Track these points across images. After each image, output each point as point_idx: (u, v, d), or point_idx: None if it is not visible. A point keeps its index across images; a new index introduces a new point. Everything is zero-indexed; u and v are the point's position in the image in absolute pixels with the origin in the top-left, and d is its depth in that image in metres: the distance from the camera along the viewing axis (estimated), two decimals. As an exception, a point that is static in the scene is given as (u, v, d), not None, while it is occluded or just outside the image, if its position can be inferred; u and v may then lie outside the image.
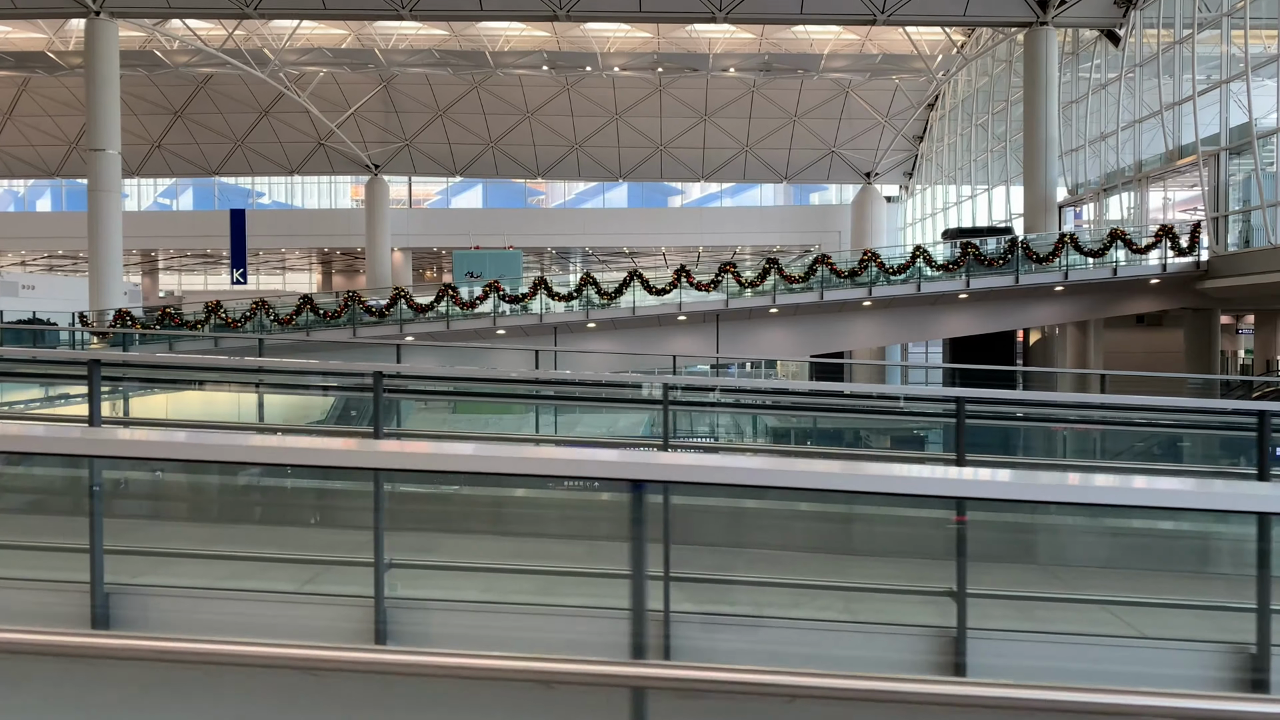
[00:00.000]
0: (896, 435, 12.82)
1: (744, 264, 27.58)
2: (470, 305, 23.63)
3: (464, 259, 42.19)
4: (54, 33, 37.13)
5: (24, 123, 44.46)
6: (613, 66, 38.13)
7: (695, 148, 46.22)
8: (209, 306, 23.96)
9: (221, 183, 50.31)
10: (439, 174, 48.49)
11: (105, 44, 27.13)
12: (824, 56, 37.18)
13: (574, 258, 60.39)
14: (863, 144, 45.48)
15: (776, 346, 24.02)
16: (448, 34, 38.71)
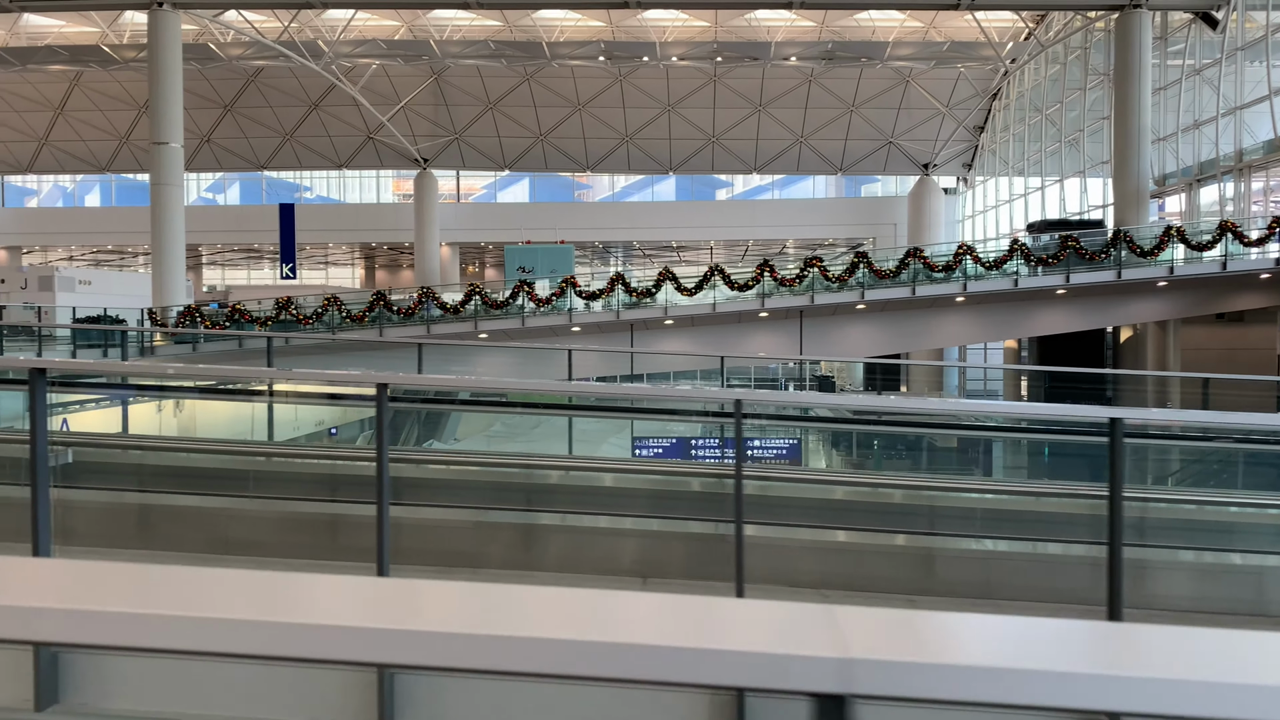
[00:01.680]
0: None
1: (825, 258, 26.70)
2: (546, 301, 22.91)
3: (515, 254, 41.58)
4: (108, 26, 36.81)
5: (75, 118, 44.27)
6: (671, 57, 37.29)
7: (748, 139, 45.29)
8: (279, 303, 23.41)
9: (268, 177, 49.96)
10: (488, 168, 47.89)
11: (167, 36, 26.65)
12: (889, 45, 36.13)
13: (616, 252, 59.71)
14: (921, 134, 44.37)
15: (862, 344, 23.14)
16: (502, 25, 38.06)
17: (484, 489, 5.46)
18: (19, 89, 42.46)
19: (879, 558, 4.65)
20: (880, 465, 17.49)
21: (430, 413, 15.08)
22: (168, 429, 12.94)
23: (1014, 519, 4.90)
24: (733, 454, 16.50)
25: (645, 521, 4.71)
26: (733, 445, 16.19)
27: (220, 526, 4.80)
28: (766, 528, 4.48)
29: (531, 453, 7.98)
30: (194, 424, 14.64)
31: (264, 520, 4.89)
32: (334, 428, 25.82)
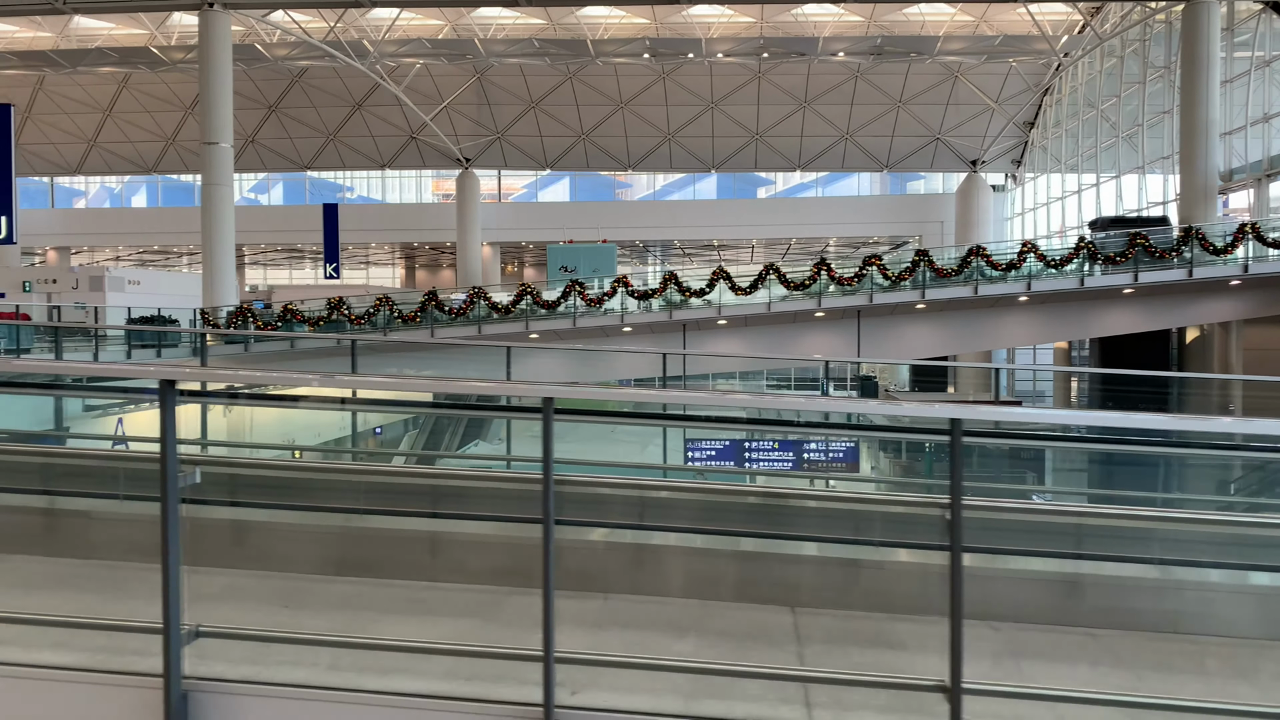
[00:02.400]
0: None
1: (861, 257, 26.12)
2: (598, 301, 22.62)
3: (558, 253, 41.44)
4: (156, 28, 37.08)
5: (123, 119, 44.71)
6: (716, 53, 36.85)
7: (792, 136, 44.77)
8: (331, 303, 23.32)
9: (310, 177, 50.19)
10: (529, 167, 47.76)
11: (217, 36, 26.69)
12: (940, 39, 35.44)
13: (655, 251, 59.41)
14: (969, 130, 43.60)
15: (920, 344, 22.61)
16: (545, 23, 37.87)
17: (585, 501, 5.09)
18: (69, 91, 42.96)
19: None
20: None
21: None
22: (219, 432, 12.74)
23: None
24: (791, 456, 16.23)
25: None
26: (790, 448, 15.84)
27: (332, 545, 4.52)
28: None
29: (586, 458, 7.55)
30: (247, 427, 14.48)
31: (373, 538, 4.60)
32: (379, 427, 25.76)
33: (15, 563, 4.54)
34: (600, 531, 4.64)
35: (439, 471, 5.27)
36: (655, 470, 8.37)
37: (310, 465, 5.83)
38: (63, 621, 3.43)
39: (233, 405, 5.72)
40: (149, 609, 3.96)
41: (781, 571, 4.26)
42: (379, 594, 4.17)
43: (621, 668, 3.22)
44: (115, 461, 5.18)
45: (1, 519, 4.86)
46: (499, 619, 3.97)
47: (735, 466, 21.06)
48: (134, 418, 14.61)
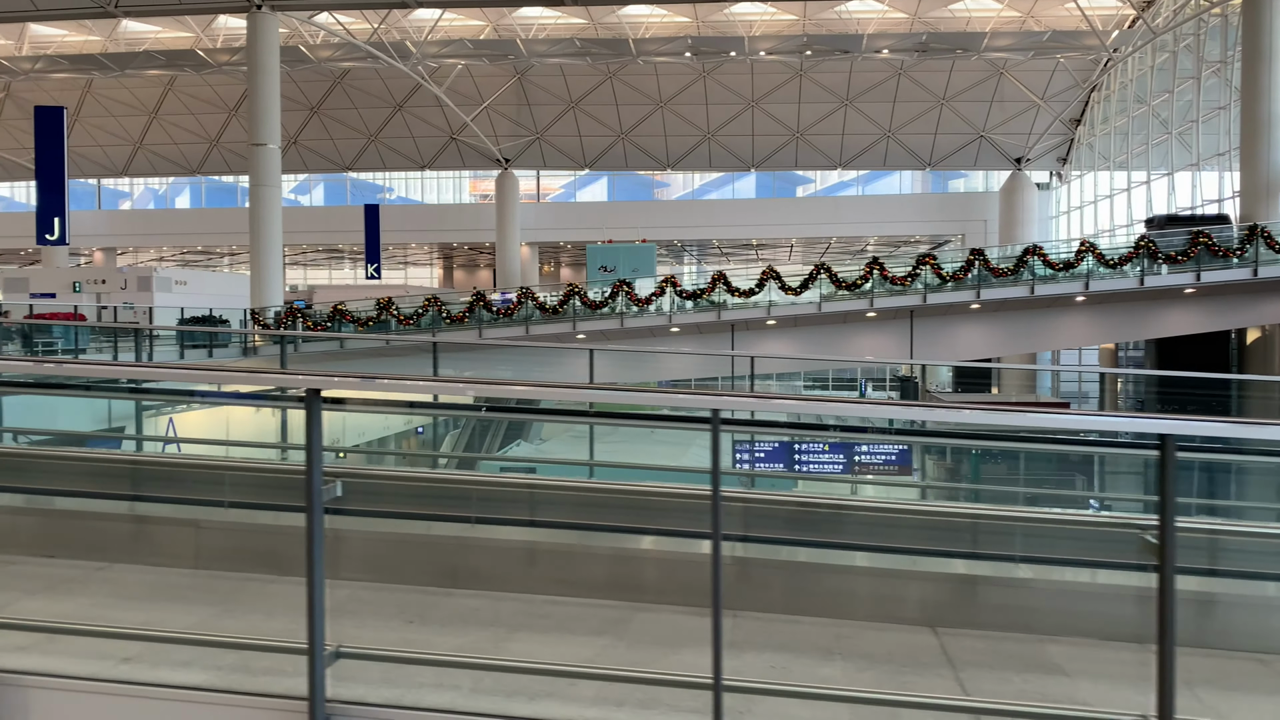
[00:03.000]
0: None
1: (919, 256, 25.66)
2: (645, 302, 22.46)
3: (597, 253, 41.39)
4: (202, 30, 37.44)
5: (168, 121, 45.23)
6: (759, 51, 36.57)
7: (833, 134, 44.35)
8: (380, 303, 23.36)
9: (351, 178, 50.49)
10: (568, 167, 47.73)
11: (266, 38, 26.87)
12: (987, 35, 34.91)
13: (691, 251, 59.18)
14: (1014, 128, 42.96)
15: (974, 345, 22.23)
16: (586, 23, 37.78)
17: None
18: (116, 94, 43.52)
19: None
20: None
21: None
22: (266, 435, 12.67)
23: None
24: (842, 458, 15.90)
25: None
26: (841, 450, 15.53)
27: (446, 555, 4.39)
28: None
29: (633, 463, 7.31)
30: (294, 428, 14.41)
31: (485, 548, 4.45)
32: (420, 427, 25.73)
33: (116, 572, 4.45)
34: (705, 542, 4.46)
35: (592, 486, 5.09)
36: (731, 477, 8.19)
37: (442, 476, 5.72)
38: (207, 640, 3.31)
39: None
40: (269, 624, 3.85)
41: (920, 589, 4.06)
42: (501, 608, 4.02)
43: (789, 696, 3.04)
44: (220, 468, 5.08)
45: (98, 525, 4.78)
46: (627, 636, 3.81)
47: (785, 469, 20.83)
48: (183, 418, 14.67)
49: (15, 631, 3.39)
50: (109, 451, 7.57)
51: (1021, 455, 14.63)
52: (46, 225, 27.69)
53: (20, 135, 45.43)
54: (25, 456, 5.90)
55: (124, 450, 8.34)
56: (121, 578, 4.28)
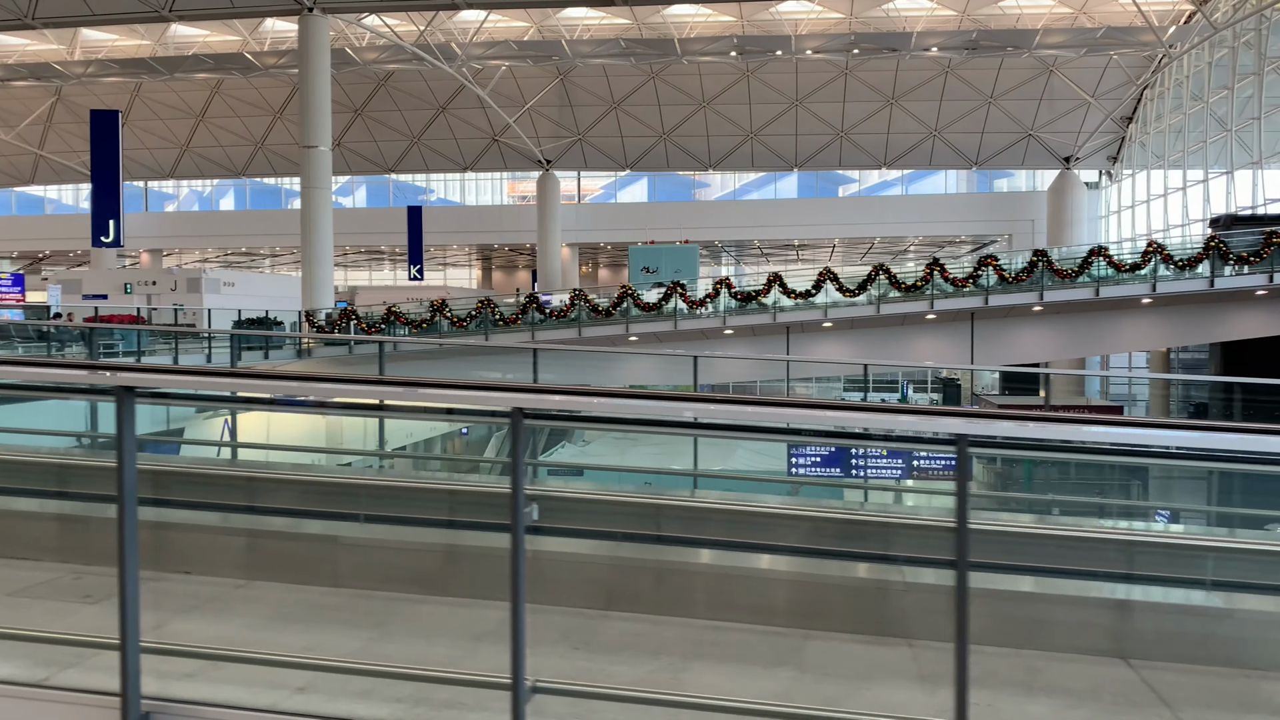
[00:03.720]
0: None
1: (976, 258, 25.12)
2: (700, 304, 22.24)
3: (639, 254, 41.25)
4: (249, 34, 37.72)
5: (214, 124, 45.67)
6: (805, 50, 36.20)
7: (878, 134, 43.88)
8: (434, 305, 23.34)
9: (393, 180, 50.73)
10: (609, 168, 47.62)
11: (317, 40, 26.96)
12: (1039, 32, 34.31)
13: (729, 251, 58.86)
14: (1063, 126, 42.26)
15: (1036, 348, 21.79)
16: (630, 23, 37.60)
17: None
18: (164, 98, 44.00)
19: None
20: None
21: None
22: (317, 438, 12.56)
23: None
24: (900, 463, 15.43)
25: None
26: (900, 456, 15.10)
27: (609, 575, 4.20)
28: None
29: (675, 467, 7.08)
30: (341, 433, 14.33)
31: (648, 570, 4.26)
32: (464, 428, 25.69)
33: (256, 590, 4.30)
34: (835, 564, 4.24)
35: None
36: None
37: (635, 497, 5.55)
38: (381, 671, 3.14)
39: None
40: (432, 650, 3.69)
41: (1109, 617, 3.81)
42: (665, 634, 3.83)
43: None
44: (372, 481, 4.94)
45: (230, 540, 4.65)
46: (810, 668, 3.60)
47: (841, 475, 20.50)
48: (241, 418, 14.62)
49: (173, 657, 3.24)
50: (241, 467, 7.47)
51: (1073, 464, 14.27)
52: (102, 227, 28.01)
53: (70, 139, 46.12)
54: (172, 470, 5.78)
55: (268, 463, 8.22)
56: (265, 596, 4.14)
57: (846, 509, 5.26)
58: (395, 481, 5.03)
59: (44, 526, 4.74)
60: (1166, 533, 5.19)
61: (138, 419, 2.96)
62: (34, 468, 5.23)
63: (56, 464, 5.32)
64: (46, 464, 5.30)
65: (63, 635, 3.33)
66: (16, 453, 5.76)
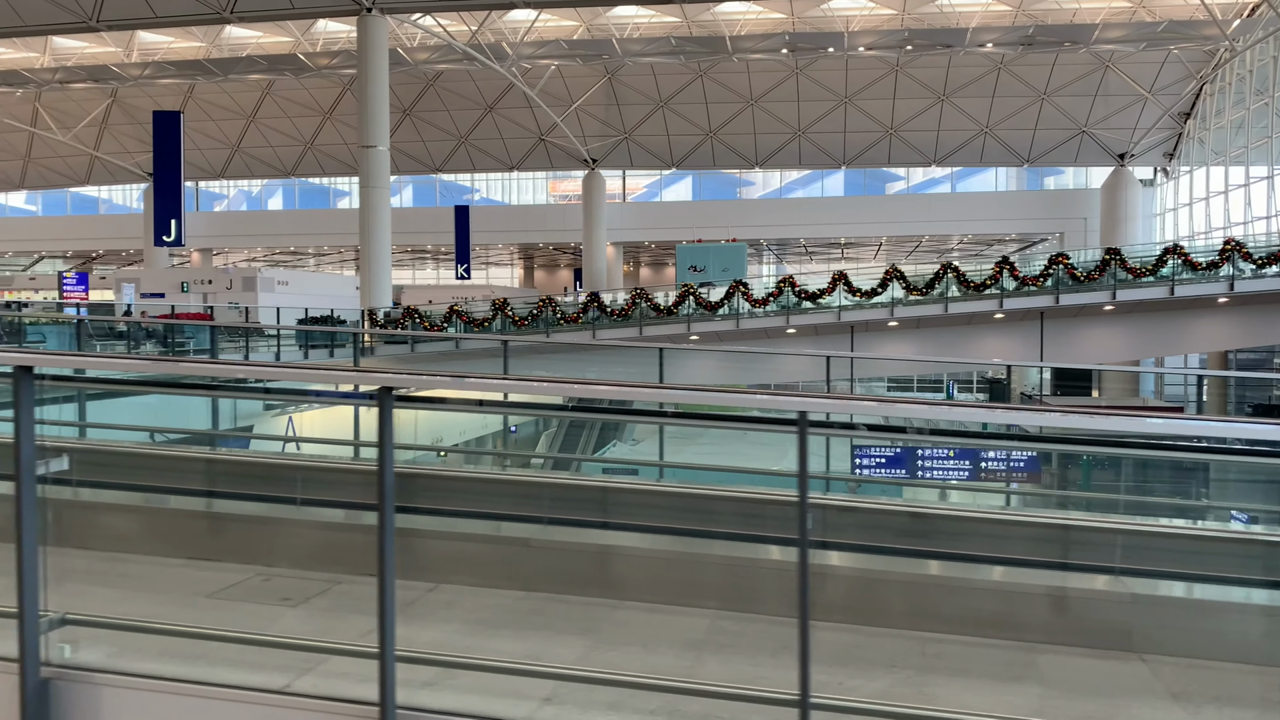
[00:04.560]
0: None
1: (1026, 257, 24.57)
2: (763, 302, 22.08)
3: (687, 253, 41.15)
4: (302, 35, 38.05)
5: (264, 124, 46.15)
6: (858, 47, 35.87)
7: (928, 131, 43.41)
8: (495, 305, 23.38)
9: (440, 180, 50.98)
10: (655, 166, 47.53)
11: (376, 41, 27.10)
12: (1097, 26, 33.73)
13: (771, 249, 58.56)
14: (1118, 123, 41.54)
15: (1107, 348, 21.40)
16: (680, 21, 37.47)
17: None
18: (217, 99, 44.53)
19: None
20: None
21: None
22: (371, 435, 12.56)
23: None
24: (969, 464, 15.09)
25: None
26: (967, 456, 14.75)
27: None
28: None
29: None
30: (414, 429, 14.35)
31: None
32: (514, 426, 25.69)
33: (445, 593, 4.24)
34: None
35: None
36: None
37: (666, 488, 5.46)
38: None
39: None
40: (651, 658, 3.61)
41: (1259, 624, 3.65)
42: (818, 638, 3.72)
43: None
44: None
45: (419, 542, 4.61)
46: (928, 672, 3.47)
47: (906, 476, 20.23)
48: (301, 418, 14.71)
49: (422, 665, 3.18)
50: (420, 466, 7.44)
51: (1126, 461, 13.97)
52: (163, 227, 28.36)
53: (124, 140, 46.84)
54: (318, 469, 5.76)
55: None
56: (459, 600, 4.09)
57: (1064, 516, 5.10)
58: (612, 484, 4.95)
59: (225, 527, 4.73)
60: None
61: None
62: (237, 468, 5.23)
63: (265, 464, 5.32)
64: (254, 464, 5.29)
65: (320, 643, 3.28)
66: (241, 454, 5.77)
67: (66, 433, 6.63)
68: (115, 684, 3.11)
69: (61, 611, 3.19)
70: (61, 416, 5.90)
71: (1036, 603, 3.87)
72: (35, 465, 3.15)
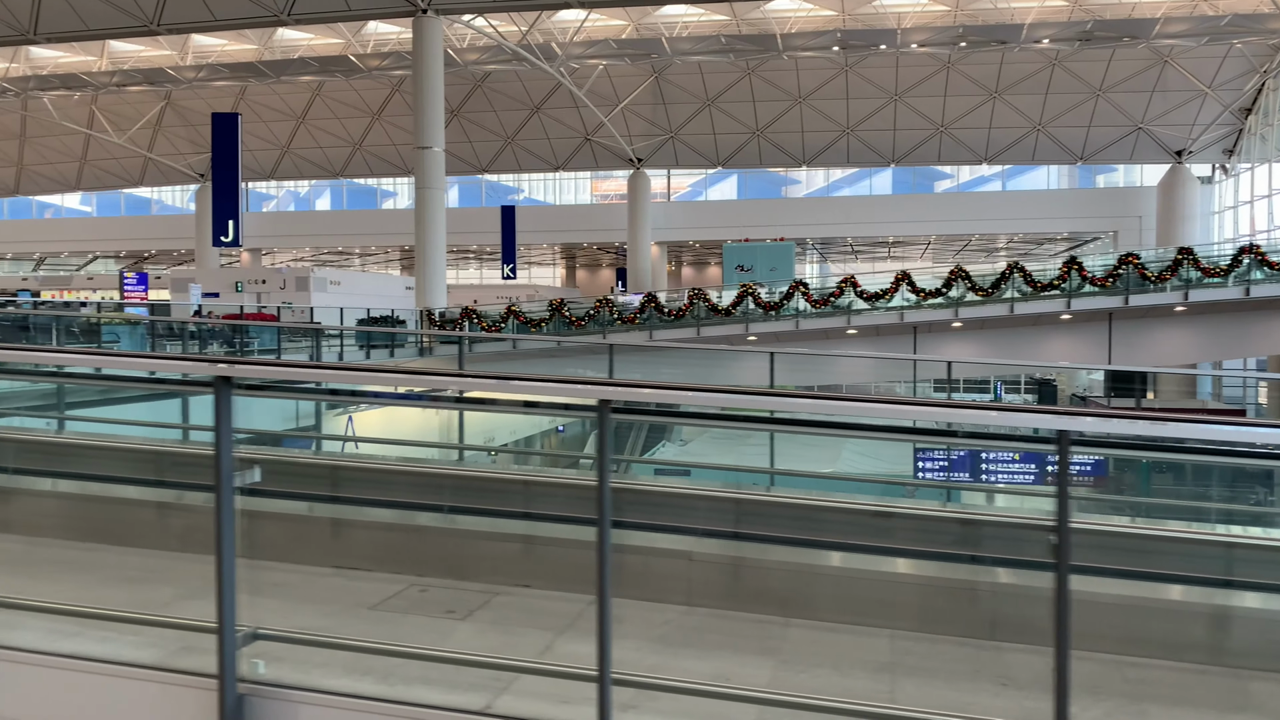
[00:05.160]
0: None
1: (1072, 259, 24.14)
2: (824, 302, 21.85)
3: (734, 252, 40.94)
4: (353, 36, 38.34)
5: (314, 126, 46.60)
6: (910, 44, 35.45)
7: (979, 128, 42.83)
8: (553, 305, 23.36)
9: (484, 180, 51.18)
10: (700, 165, 47.34)
11: (431, 42, 27.22)
12: (1158, 21, 33.02)
13: (814, 248, 58.10)
14: (1176, 119, 40.69)
15: (1178, 350, 20.93)
16: (729, 19, 37.25)
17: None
18: (267, 100, 45.02)
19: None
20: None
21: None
22: (433, 432, 12.51)
23: None
24: (1036, 469, 14.67)
25: None
26: (1033, 459, 14.39)
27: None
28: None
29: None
30: (452, 424, 14.35)
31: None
32: (561, 426, 25.64)
33: (513, 597, 4.15)
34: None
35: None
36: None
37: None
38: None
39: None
40: (747, 668, 3.48)
41: None
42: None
43: None
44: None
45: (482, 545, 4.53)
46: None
47: (970, 479, 19.89)
48: (361, 417, 14.75)
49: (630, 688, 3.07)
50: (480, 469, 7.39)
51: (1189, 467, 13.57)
52: (221, 228, 28.70)
53: (177, 142, 47.53)
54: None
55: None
56: (626, 615, 3.98)
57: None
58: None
59: (376, 535, 4.67)
60: None
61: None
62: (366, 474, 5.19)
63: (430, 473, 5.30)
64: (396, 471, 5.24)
65: (528, 663, 3.20)
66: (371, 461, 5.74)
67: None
68: (312, 701, 3.05)
69: (253, 626, 3.14)
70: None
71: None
72: (234, 477, 3.11)
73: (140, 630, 3.46)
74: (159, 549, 4.68)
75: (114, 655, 3.26)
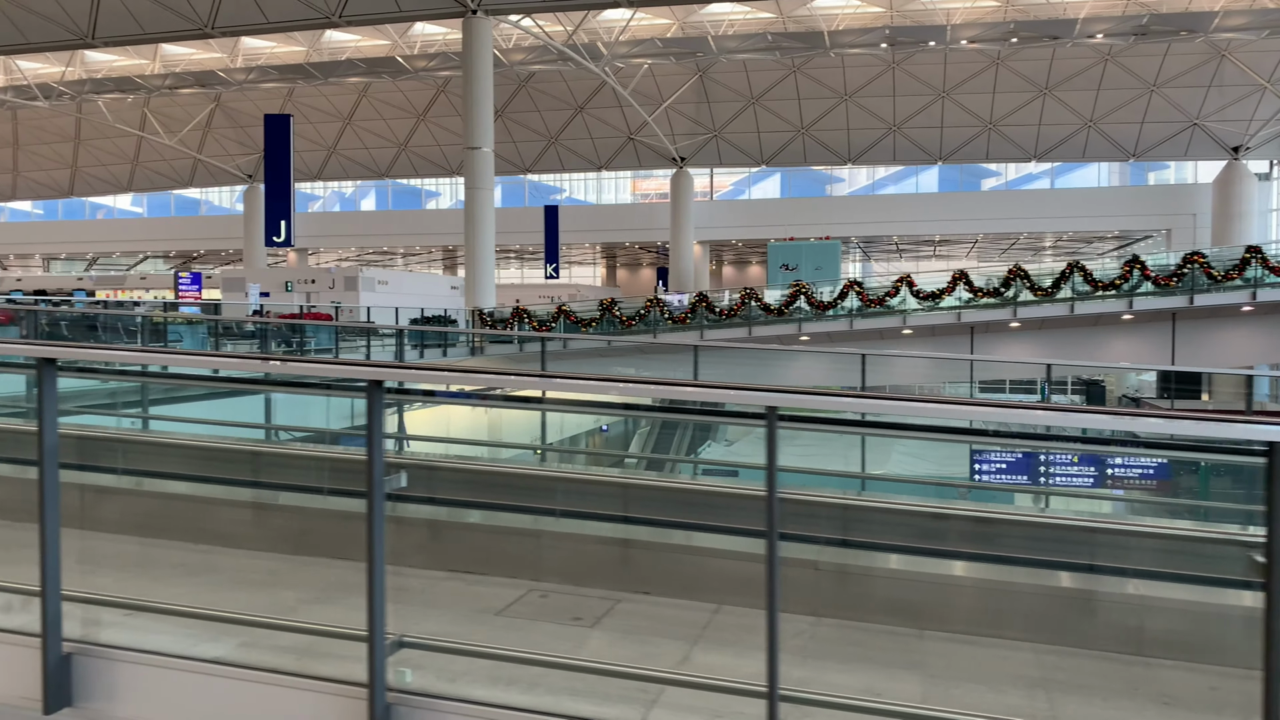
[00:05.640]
0: None
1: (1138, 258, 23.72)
2: (879, 302, 21.61)
3: (779, 251, 40.70)
4: (399, 37, 38.61)
5: (360, 127, 47.01)
6: (960, 40, 34.98)
7: (1029, 125, 42.19)
8: (603, 304, 23.34)
9: (528, 180, 51.34)
10: (744, 164, 47.10)
11: (480, 43, 27.30)
12: (1218, 14, 32.28)
13: (857, 246, 57.61)
14: (1233, 114, 39.80)
15: (1244, 351, 20.44)
16: (775, 16, 37.01)
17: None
18: (315, 102, 45.50)
19: None
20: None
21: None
22: (480, 430, 12.49)
23: None
24: (1092, 472, 14.19)
25: None
26: (1092, 462, 13.92)
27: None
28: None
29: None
30: (500, 423, 14.31)
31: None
32: (604, 425, 25.55)
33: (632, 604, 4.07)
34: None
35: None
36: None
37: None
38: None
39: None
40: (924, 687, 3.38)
41: None
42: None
43: None
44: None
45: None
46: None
47: (1029, 483, 19.56)
48: (411, 416, 14.77)
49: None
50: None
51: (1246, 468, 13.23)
52: (274, 228, 29.02)
53: (226, 143, 48.19)
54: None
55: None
56: (751, 624, 3.90)
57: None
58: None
59: (486, 538, 4.63)
60: None
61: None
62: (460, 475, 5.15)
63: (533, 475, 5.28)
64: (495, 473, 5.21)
65: (699, 678, 3.12)
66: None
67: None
68: (461, 712, 3.00)
69: (399, 634, 3.10)
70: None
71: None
72: (384, 482, 3.07)
73: (274, 636, 3.44)
74: (271, 551, 4.67)
75: (243, 659, 3.24)
